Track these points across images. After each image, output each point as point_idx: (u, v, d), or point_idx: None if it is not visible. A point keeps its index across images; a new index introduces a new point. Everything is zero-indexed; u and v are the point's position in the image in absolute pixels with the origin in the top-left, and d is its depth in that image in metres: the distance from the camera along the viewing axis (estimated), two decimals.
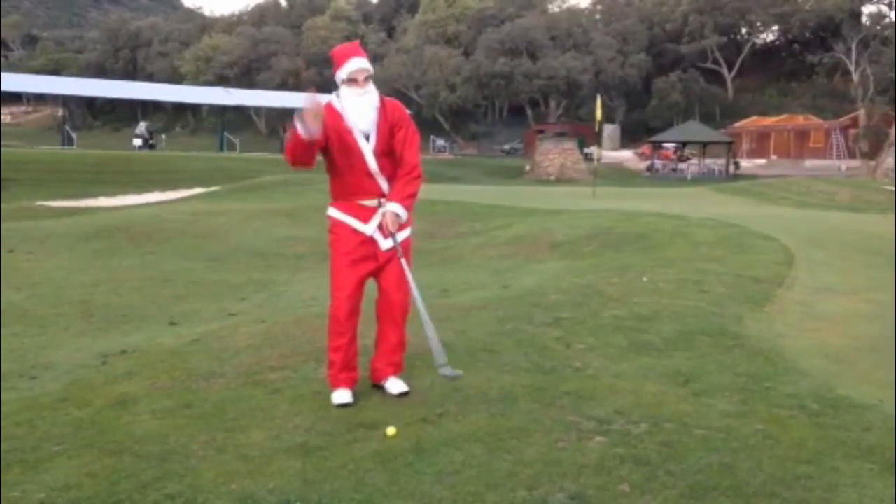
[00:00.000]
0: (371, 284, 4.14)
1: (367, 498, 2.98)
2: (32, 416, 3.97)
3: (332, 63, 3.99)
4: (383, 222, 3.97)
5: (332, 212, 4.08)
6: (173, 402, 4.08)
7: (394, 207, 3.96)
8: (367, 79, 3.92)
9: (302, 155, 3.86)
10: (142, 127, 52.48)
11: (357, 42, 4.08)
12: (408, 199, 4.00)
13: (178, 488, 3.06)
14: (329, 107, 3.91)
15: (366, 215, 4.00)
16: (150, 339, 5.96)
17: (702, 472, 3.16)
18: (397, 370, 4.20)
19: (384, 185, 4.01)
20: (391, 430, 3.56)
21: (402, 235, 4.07)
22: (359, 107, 3.90)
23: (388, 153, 4.00)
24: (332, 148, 3.94)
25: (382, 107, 3.97)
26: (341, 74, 3.91)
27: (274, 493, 3.01)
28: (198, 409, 3.98)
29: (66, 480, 3.15)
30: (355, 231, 4.00)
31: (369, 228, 4.01)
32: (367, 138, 3.95)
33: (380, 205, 4.00)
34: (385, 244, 4.02)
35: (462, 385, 4.23)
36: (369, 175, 3.98)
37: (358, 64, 3.89)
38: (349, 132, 3.91)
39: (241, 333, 5.55)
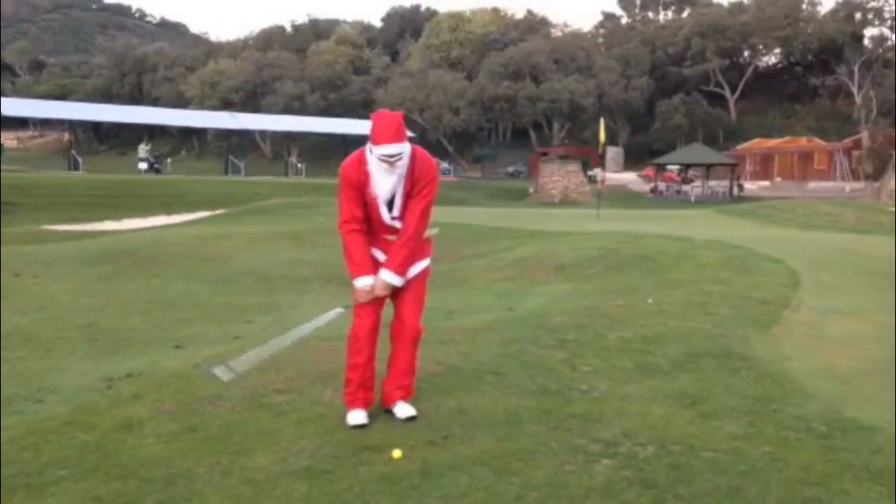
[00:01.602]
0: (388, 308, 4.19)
1: None
2: (38, 439, 3.96)
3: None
4: (363, 292, 4.01)
5: None
6: (179, 426, 4.07)
7: (386, 277, 4.02)
8: (399, 160, 3.90)
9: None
10: (142, 150, 52.48)
11: (400, 116, 4.00)
12: (402, 266, 4.06)
13: None
14: (362, 166, 3.95)
15: (387, 248, 4.10)
16: (155, 362, 5.95)
17: (710, 494, 3.14)
18: (406, 394, 4.20)
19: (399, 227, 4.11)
20: (397, 453, 3.55)
21: (422, 265, 4.20)
22: (386, 181, 3.94)
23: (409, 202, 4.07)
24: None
25: (411, 169, 3.98)
26: (374, 150, 3.89)
27: None
28: (203, 432, 3.97)
29: None
30: (378, 261, 4.10)
31: (381, 256, 4.11)
32: (390, 204, 4.02)
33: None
34: (394, 280, 4.08)
35: (468, 408, 4.23)
36: (387, 229, 4.08)
37: (389, 150, 3.85)
38: (373, 198, 3.98)
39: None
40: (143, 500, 3.16)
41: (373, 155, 3.90)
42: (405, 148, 3.90)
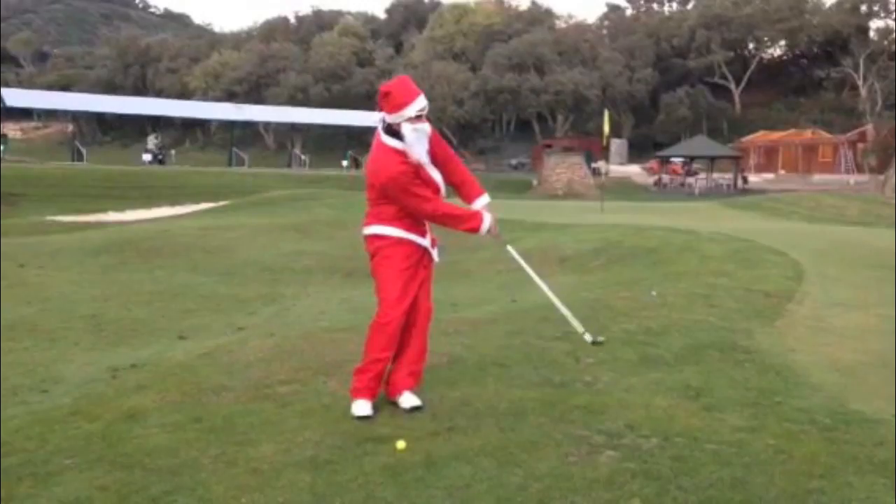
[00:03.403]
0: None
1: None
2: (43, 429, 3.98)
3: (380, 97, 4.01)
4: (492, 227, 4.24)
5: (390, 230, 4.10)
6: (183, 416, 4.08)
7: (485, 200, 4.29)
8: (424, 111, 4.03)
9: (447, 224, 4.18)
10: (151, 141, 52.70)
11: (409, 78, 4.19)
12: (482, 189, 4.35)
13: (189, 502, 3.07)
14: (399, 152, 4.01)
15: (423, 230, 4.19)
16: (159, 353, 5.97)
17: (714, 486, 3.14)
18: (416, 379, 4.21)
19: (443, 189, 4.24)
20: (401, 444, 3.56)
21: (436, 251, 4.31)
22: (421, 141, 4.01)
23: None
24: None
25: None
26: (409, 112, 3.95)
27: None
28: (208, 422, 3.98)
29: (77, 494, 3.15)
30: (416, 246, 4.14)
31: (426, 241, 4.20)
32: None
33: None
34: (435, 255, 4.26)
35: (472, 399, 4.23)
36: (440, 190, 4.19)
37: (423, 102, 4.00)
38: (423, 168, 4.05)
39: (251, 347, 5.56)
40: (148, 490, 3.18)
41: (405, 123, 3.96)
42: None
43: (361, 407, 4.01)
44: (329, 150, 60.99)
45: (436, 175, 4.13)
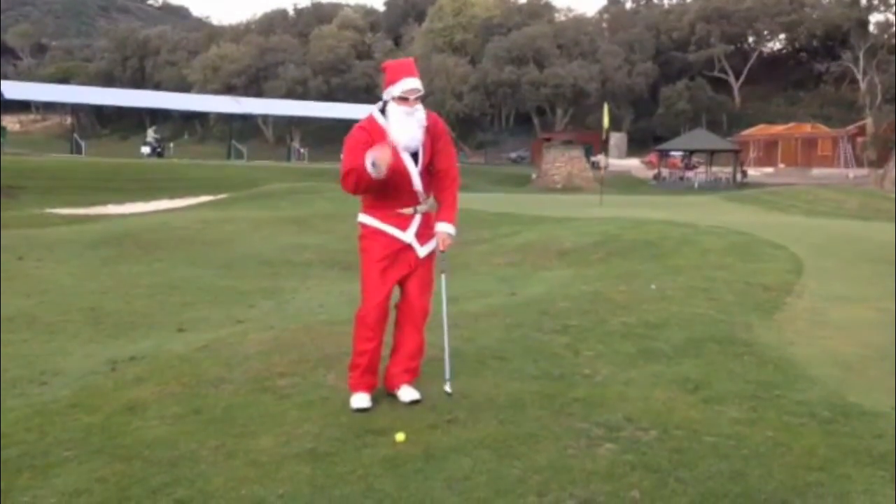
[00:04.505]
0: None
1: None
2: (42, 421, 3.99)
3: (381, 76, 4.00)
4: (439, 245, 4.09)
5: (367, 219, 4.08)
6: (183, 408, 4.09)
7: (446, 229, 4.08)
8: (417, 98, 3.91)
9: (366, 188, 3.89)
10: (150, 134, 52.70)
11: (412, 60, 4.09)
12: (455, 216, 4.15)
13: (188, 493, 3.07)
14: (373, 124, 3.93)
15: (404, 223, 4.05)
16: (159, 345, 5.97)
17: (712, 479, 3.15)
18: (413, 376, 4.20)
19: (422, 194, 4.08)
20: (400, 437, 3.56)
21: (431, 246, 4.16)
22: (407, 126, 3.90)
23: (429, 166, 4.07)
24: None
25: (428, 123, 4.00)
26: (393, 91, 3.89)
27: (283, 499, 3.02)
28: (207, 414, 3.99)
29: (77, 486, 3.16)
30: (393, 239, 4.04)
31: (408, 236, 4.05)
32: (415, 158, 3.98)
33: (415, 212, 4.07)
34: (422, 251, 4.10)
35: (471, 392, 4.23)
36: (411, 191, 4.03)
37: (411, 84, 3.89)
38: (397, 154, 3.89)
39: (250, 340, 5.56)
40: (148, 482, 3.18)
41: (392, 101, 3.89)
42: (421, 84, 3.94)
43: (359, 399, 4.01)
44: (328, 143, 60.78)
45: (412, 169, 3.97)
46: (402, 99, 3.88)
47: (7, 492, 3.13)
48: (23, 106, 73.98)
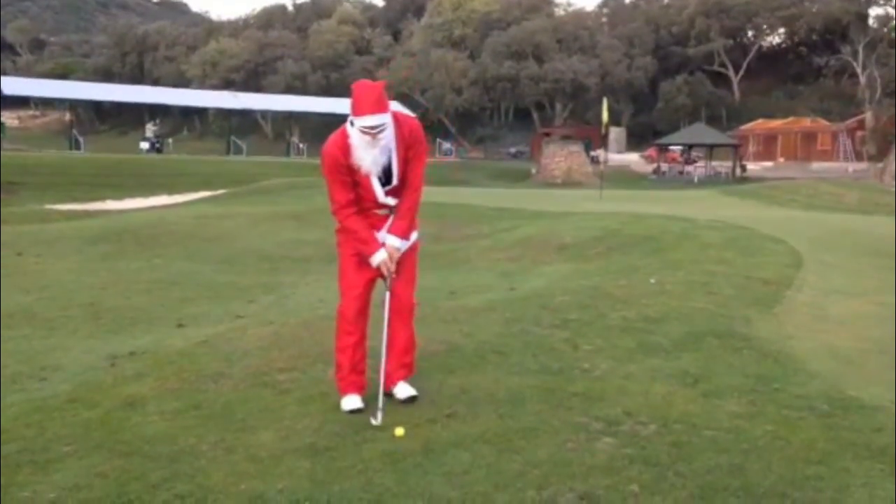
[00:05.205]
0: (379, 289, 4.15)
1: (376, 498, 2.98)
2: (42, 417, 3.98)
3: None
4: (383, 264, 3.96)
5: None
6: (182, 404, 4.09)
7: (394, 243, 3.98)
8: (381, 132, 3.79)
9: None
10: (149, 130, 52.70)
11: (381, 86, 3.88)
12: (409, 230, 4.04)
13: (188, 489, 3.07)
14: (346, 140, 3.85)
15: (377, 223, 4.02)
16: (158, 340, 5.97)
17: (711, 472, 3.15)
18: (408, 372, 4.17)
19: (393, 203, 4.02)
20: (399, 431, 3.56)
21: (413, 238, 4.11)
22: (369, 153, 3.82)
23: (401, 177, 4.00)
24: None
25: (401, 134, 3.90)
26: (355, 122, 3.78)
27: (283, 494, 3.02)
28: (207, 410, 3.99)
29: (76, 481, 3.16)
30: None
31: (381, 235, 4.02)
32: (386, 177, 3.92)
33: (390, 212, 4.03)
34: (405, 244, 4.05)
35: (470, 386, 4.24)
36: (378, 203, 4.00)
37: (372, 121, 3.74)
38: (364, 175, 3.87)
39: (250, 335, 5.56)
40: (148, 477, 3.18)
41: (354, 127, 3.80)
42: (387, 119, 3.79)
43: (349, 402, 3.97)
44: (327, 138, 60.62)
45: (378, 190, 3.92)
46: (363, 133, 3.79)
47: (7, 487, 3.13)
48: (21, 102, 73.87)
